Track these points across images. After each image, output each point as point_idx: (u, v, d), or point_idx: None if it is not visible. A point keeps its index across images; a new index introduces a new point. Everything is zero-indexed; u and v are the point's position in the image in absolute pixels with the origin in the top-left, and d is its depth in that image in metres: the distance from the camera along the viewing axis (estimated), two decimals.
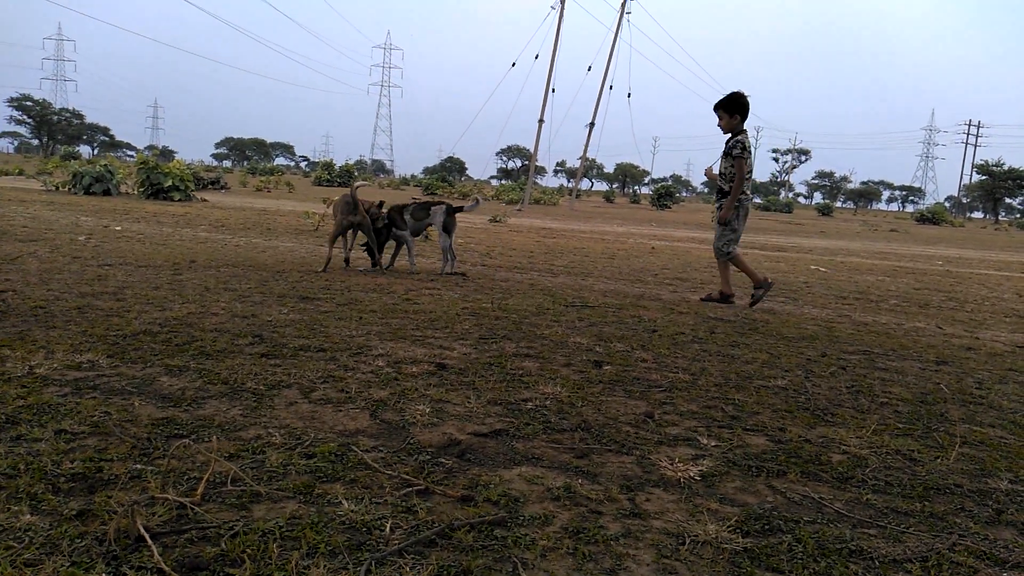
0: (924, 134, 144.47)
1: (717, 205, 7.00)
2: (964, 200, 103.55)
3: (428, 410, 3.01)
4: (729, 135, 6.75)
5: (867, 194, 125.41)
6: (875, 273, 10.95)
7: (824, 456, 2.81)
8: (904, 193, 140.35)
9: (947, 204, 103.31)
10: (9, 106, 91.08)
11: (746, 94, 6.65)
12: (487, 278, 7.30)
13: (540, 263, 9.19)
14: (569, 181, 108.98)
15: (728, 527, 2.14)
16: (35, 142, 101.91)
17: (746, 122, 6.76)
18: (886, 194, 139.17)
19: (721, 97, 6.71)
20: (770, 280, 6.75)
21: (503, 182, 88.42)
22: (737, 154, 6.61)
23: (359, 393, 3.19)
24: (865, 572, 1.95)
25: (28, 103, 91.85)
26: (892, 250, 17.70)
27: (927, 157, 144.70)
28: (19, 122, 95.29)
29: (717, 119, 6.75)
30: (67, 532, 1.86)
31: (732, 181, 6.67)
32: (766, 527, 2.17)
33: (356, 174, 42.85)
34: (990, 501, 2.47)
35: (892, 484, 2.57)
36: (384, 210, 7.37)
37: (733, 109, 6.63)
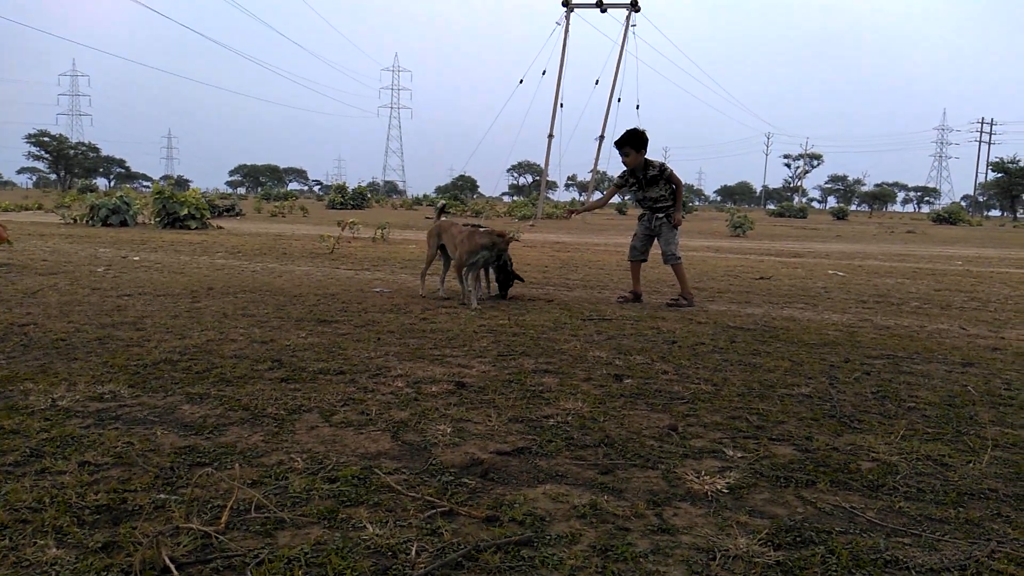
0: (937, 134, 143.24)
1: (661, 215, 7.19)
2: (981, 199, 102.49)
3: (449, 430, 3.00)
4: (634, 168, 7.10)
5: (882, 196, 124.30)
6: (894, 276, 10.83)
7: (853, 464, 2.76)
8: (919, 194, 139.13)
9: (964, 203, 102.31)
10: (27, 142, 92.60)
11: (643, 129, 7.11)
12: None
13: (555, 277, 9.17)
14: (581, 195, 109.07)
15: (759, 540, 2.10)
16: (53, 176, 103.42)
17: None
18: (901, 195, 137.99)
19: (621, 135, 7.05)
20: (642, 298, 7.23)
21: (515, 198, 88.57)
22: (670, 174, 7.06)
23: (380, 415, 3.18)
24: None
25: (45, 139, 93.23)
26: (910, 252, 17.52)
27: (941, 157, 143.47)
28: (37, 157, 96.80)
29: (622, 156, 7.08)
30: (93, 565, 1.85)
31: (669, 199, 7.13)
32: (798, 539, 2.13)
33: (369, 196, 43.06)
34: None
35: (924, 491, 2.52)
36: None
37: (639, 145, 7.00)
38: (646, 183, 7.11)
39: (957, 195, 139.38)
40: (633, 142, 6.96)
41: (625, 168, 7.16)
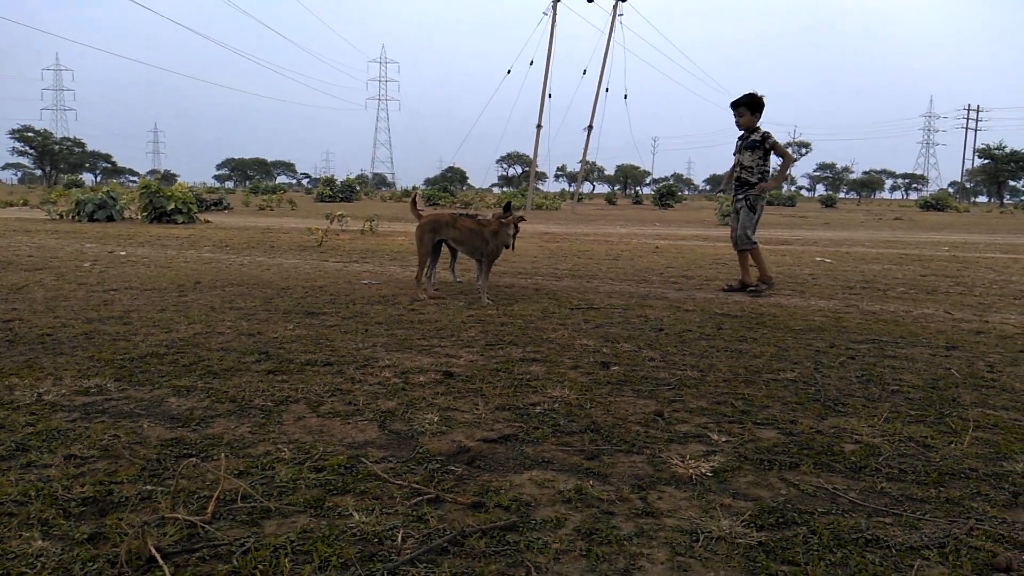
0: (923, 121, 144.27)
1: (741, 196, 7.36)
2: (967, 185, 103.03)
3: (436, 419, 3.01)
4: (744, 131, 7.31)
5: (870, 184, 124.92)
6: (881, 262, 10.90)
7: (836, 447, 2.79)
8: (907, 181, 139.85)
9: (951, 190, 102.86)
10: (11, 138, 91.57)
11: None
12: (491, 285, 7.29)
13: (544, 267, 9.18)
14: (570, 185, 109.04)
15: (742, 522, 2.12)
16: (38, 172, 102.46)
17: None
18: (889, 183, 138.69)
19: (740, 96, 7.28)
20: (773, 281, 7.31)
21: (504, 189, 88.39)
22: (773, 143, 7.16)
23: (367, 405, 3.19)
24: (882, 561, 1.93)
25: (30, 134, 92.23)
26: (897, 238, 17.62)
27: (928, 144, 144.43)
28: (21, 153, 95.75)
29: (736, 116, 7.28)
30: (79, 556, 1.86)
31: (757, 173, 7.22)
32: (780, 520, 2.15)
33: (358, 189, 42.92)
34: (1006, 484, 2.45)
35: (906, 471, 2.55)
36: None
37: (755, 108, 7.23)
38: (744, 147, 7.28)
39: (944, 182, 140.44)
40: (750, 104, 7.20)
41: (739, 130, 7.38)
